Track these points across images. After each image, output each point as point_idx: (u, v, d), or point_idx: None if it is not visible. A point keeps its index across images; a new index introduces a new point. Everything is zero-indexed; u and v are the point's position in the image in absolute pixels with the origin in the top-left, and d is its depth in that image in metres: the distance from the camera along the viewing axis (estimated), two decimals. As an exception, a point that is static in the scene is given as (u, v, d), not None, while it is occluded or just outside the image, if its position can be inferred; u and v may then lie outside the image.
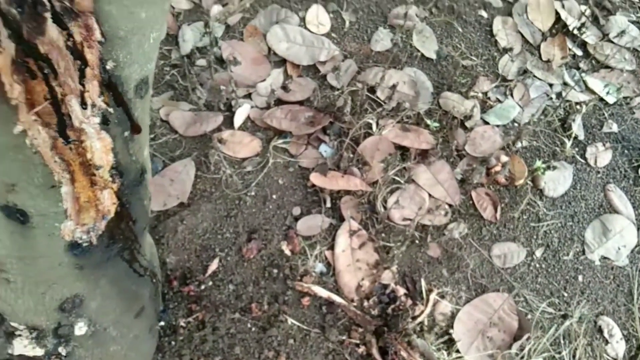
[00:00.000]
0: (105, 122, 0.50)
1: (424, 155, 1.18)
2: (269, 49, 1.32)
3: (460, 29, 1.44)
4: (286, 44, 1.33)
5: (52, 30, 0.42)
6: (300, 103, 1.25)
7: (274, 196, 1.12)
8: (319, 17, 1.40)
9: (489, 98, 1.32)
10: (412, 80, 1.29)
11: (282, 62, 1.31)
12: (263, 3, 1.41)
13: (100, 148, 0.53)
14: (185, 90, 1.22)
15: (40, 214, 0.56)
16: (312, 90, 1.26)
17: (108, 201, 0.60)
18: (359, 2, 1.45)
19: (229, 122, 1.20)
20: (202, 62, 1.23)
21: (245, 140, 1.19)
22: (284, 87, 1.27)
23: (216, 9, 1.35)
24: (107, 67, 0.47)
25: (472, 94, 1.30)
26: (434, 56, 1.37)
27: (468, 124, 1.25)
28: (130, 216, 0.66)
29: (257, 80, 1.27)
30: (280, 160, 1.17)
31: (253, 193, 1.11)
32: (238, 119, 1.20)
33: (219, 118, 1.20)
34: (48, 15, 0.41)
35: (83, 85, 0.47)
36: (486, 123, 1.28)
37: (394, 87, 1.18)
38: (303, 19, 1.39)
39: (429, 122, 1.23)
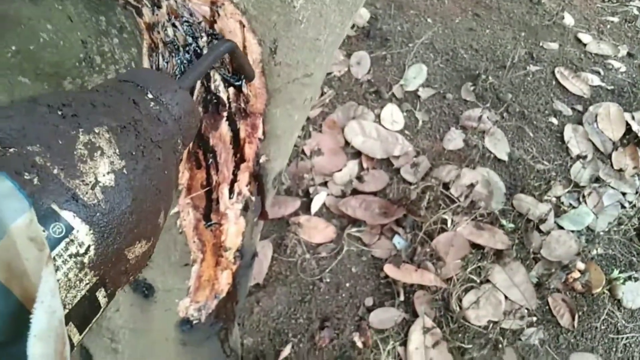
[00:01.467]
0: (245, 209, 0.54)
1: (499, 256, 1.18)
2: (346, 141, 1.38)
3: (531, 134, 1.48)
4: (362, 138, 1.39)
5: (224, 126, 0.47)
6: (375, 194, 1.28)
7: (347, 284, 1.12)
8: (393, 115, 1.46)
9: (562, 203, 1.33)
10: (485, 180, 1.31)
11: (357, 154, 1.37)
12: (341, 99, 1.50)
13: (234, 232, 0.56)
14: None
15: (166, 289, 0.58)
16: (386, 182, 1.30)
17: (224, 281, 0.62)
18: (431, 103, 1.52)
19: (305, 208, 1.24)
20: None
21: (320, 226, 1.22)
22: (359, 178, 1.31)
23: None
24: (260, 160, 0.51)
25: (545, 198, 1.31)
26: (506, 158, 1.40)
27: (543, 227, 1.25)
28: (236, 297, 0.69)
29: (333, 169, 1.32)
30: (354, 248, 1.18)
31: (327, 279, 1.12)
32: (315, 205, 1.24)
33: (297, 203, 1.24)
34: (225, 114, 0.46)
35: (235, 175, 0.51)
36: (560, 227, 1.27)
37: (471, 185, 1.20)
38: (378, 116, 1.46)
39: (504, 222, 1.24)
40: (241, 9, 0.41)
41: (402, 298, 1.10)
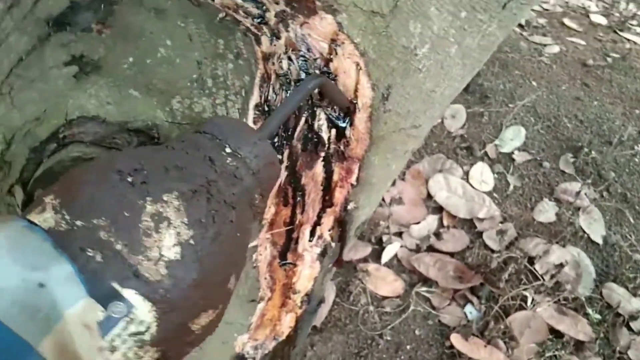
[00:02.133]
0: (323, 254, 0.51)
1: (579, 347, 1.07)
2: (429, 194, 1.33)
3: (631, 219, 1.35)
4: (446, 193, 1.33)
5: (319, 167, 0.45)
6: (452, 255, 1.21)
7: (408, 347, 1.06)
8: (483, 175, 1.40)
9: (660, 301, 1.19)
10: (575, 261, 1.20)
11: (439, 209, 1.31)
12: (430, 150, 1.45)
13: (306, 275, 0.53)
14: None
15: (227, 321, 0.56)
16: (466, 244, 1.23)
17: (287, 324, 0.59)
18: (526, 169, 1.43)
19: (376, 256, 1.20)
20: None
21: (389, 278, 1.17)
22: (437, 235, 1.25)
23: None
24: (348, 207, 0.48)
25: (640, 292, 1.18)
26: (600, 241, 1.29)
27: (634, 325, 1.12)
28: (295, 342, 0.65)
29: (411, 221, 1.27)
30: (421, 309, 1.12)
31: (388, 337, 1.06)
32: (386, 255, 1.19)
33: (368, 249, 1.20)
34: (322, 154, 0.44)
35: (319, 218, 0.49)
36: (655, 329, 1.14)
37: (560, 265, 1.11)
38: (467, 174, 1.40)
39: (589, 311, 1.12)
40: (360, 50, 0.39)
41: (465, 373, 1.02)
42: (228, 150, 0.30)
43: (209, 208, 0.27)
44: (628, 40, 2.08)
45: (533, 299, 1.11)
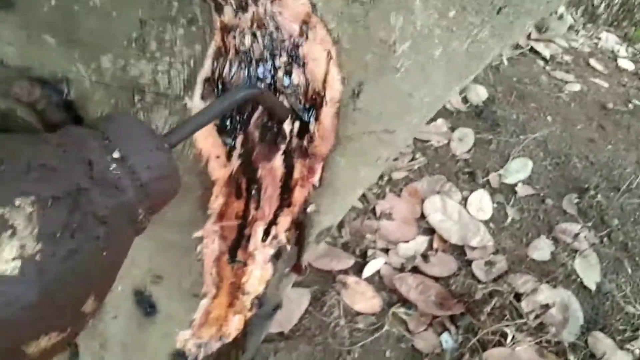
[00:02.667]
0: (277, 256, 0.47)
1: (554, 396, 1.01)
2: (422, 214, 1.29)
3: (629, 270, 1.29)
4: (441, 216, 1.29)
5: (278, 161, 0.41)
6: (436, 279, 1.17)
7: (376, 368, 1.01)
8: (482, 203, 1.35)
9: (647, 360, 1.13)
10: (564, 304, 1.15)
11: (430, 231, 1.27)
12: (431, 170, 1.41)
13: (257, 276, 0.49)
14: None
15: (168, 314, 0.52)
16: (453, 271, 1.18)
17: (234, 325, 0.56)
18: (527, 203, 1.39)
19: (358, 269, 1.15)
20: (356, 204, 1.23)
21: (367, 293, 1.12)
22: (425, 257, 1.20)
23: (387, 159, 1.37)
24: (308, 209, 0.45)
25: (628, 346, 1.13)
26: (593, 287, 1.23)
27: (616, 380, 1.07)
28: (244, 347, 0.61)
29: (400, 239, 1.23)
30: (396, 330, 1.07)
31: (356, 355, 1.02)
32: (368, 270, 1.15)
33: (350, 261, 1.16)
34: (283, 147, 0.40)
35: (275, 217, 0.45)
36: (638, 388, 1.08)
37: (546, 306, 1.06)
38: (465, 200, 1.35)
39: (571, 357, 1.07)
40: (333, 37, 0.36)
41: (430, 404, 0.97)
42: (116, 155, 0.26)
43: (69, 220, 0.23)
44: (653, 88, 2.02)
45: (514, 337, 1.06)
